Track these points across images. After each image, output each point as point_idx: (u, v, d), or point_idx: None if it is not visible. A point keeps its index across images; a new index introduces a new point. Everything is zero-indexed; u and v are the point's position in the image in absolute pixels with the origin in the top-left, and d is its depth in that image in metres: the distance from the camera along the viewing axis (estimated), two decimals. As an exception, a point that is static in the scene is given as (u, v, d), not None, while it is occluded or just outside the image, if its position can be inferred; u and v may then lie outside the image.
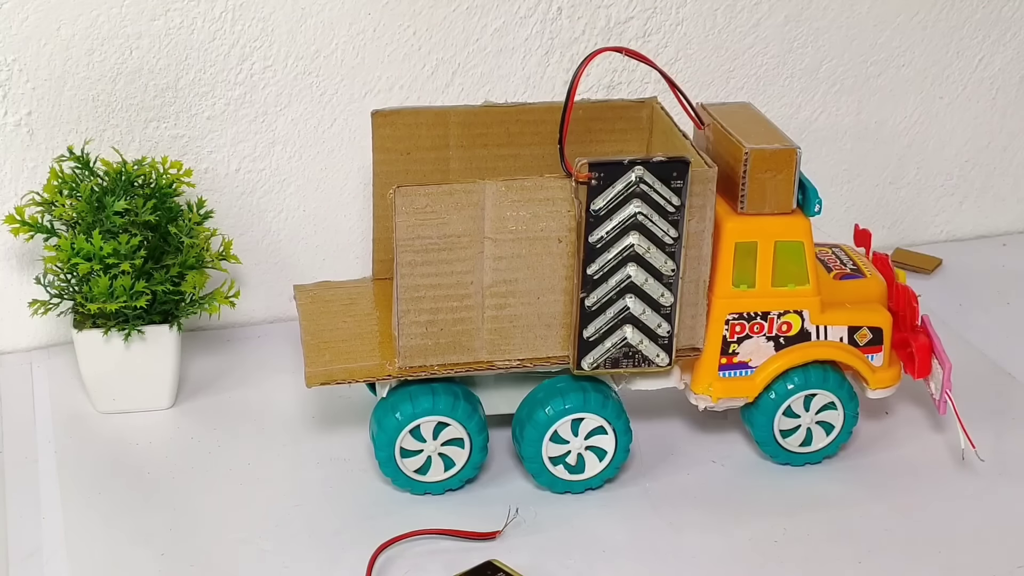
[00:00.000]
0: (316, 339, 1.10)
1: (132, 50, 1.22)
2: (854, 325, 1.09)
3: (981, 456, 1.12)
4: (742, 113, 1.12)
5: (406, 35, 1.29)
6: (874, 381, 1.11)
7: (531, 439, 1.07)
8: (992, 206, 1.57)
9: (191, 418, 1.19)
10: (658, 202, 1.01)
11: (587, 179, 0.99)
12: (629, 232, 1.01)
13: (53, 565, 1.00)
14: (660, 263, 1.02)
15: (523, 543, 1.04)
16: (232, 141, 1.29)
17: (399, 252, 1.00)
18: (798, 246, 1.06)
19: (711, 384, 1.09)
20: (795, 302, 1.08)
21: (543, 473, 1.08)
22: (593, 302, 1.03)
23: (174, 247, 1.18)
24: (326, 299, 1.15)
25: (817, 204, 1.06)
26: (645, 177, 1.00)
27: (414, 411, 1.05)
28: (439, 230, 1.00)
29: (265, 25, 1.25)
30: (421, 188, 0.99)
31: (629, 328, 1.04)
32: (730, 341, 1.08)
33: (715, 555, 1.03)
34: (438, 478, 1.08)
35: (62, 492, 1.09)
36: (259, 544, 1.03)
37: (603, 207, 1.00)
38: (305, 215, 1.34)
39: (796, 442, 1.12)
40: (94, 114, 1.24)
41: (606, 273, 1.02)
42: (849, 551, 1.03)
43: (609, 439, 1.08)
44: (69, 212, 1.15)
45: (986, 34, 1.48)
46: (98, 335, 1.15)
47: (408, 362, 1.04)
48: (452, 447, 1.07)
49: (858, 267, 1.14)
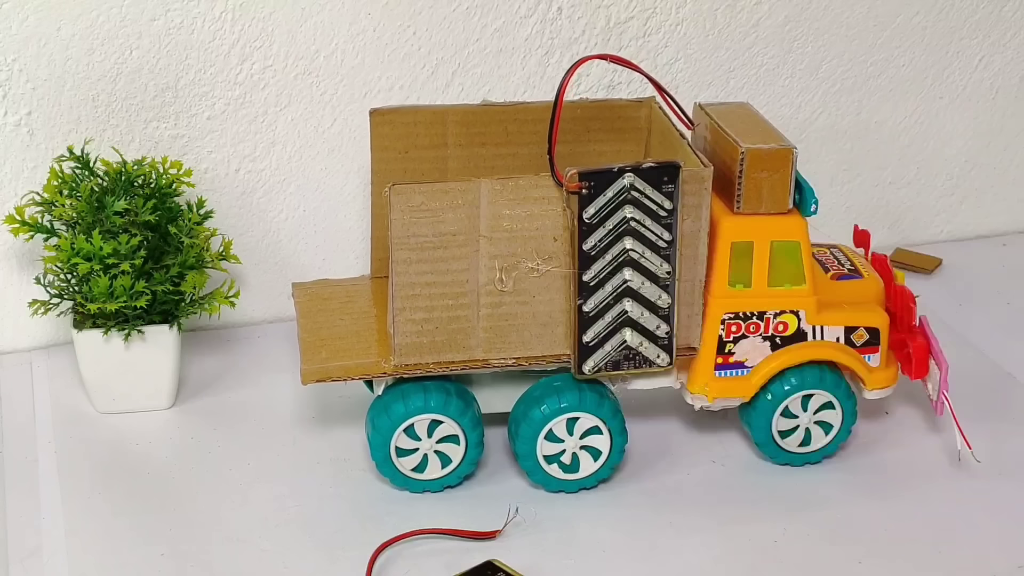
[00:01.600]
0: (313, 336, 1.10)
1: (132, 50, 1.22)
2: (851, 325, 1.09)
3: (977, 457, 1.12)
4: (740, 113, 1.12)
5: (406, 35, 1.29)
6: (871, 381, 1.11)
7: (526, 437, 1.07)
8: (992, 206, 1.57)
9: (191, 418, 1.19)
10: (650, 207, 1.01)
11: (577, 188, 0.99)
12: (623, 237, 1.01)
13: (53, 565, 1.00)
14: (656, 266, 1.03)
15: (523, 543, 1.04)
16: (232, 141, 1.29)
17: (394, 250, 1.01)
18: (794, 246, 1.06)
19: (707, 384, 1.10)
20: (791, 302, 1.08)
21: (537, 471, 1.08)
22: (591, 307, 1.03)
23: (174, 247, 1.18)
24: (324, 297, 1.16)
25: (813, 204, 1.06)
26: (636, 183, 1.00)
27: (407, 410, 1.06)
28: (434, 228, 1.00)
29: (265, 25, 1.25)
30: (416, 186, 0.99)
31: (628, 331, 1.04)
32: (726, 341, 1.08)
33: (715, 555, 1.03)
34: (435, 476, 1.08)
35: (62, 492, 1.09)
36: (258, 544, 1.03)
37: (595, 215, 1.00)
38: (305, 215, 1.34)
39: (795, 442, 1.12)
40: (94, 114, 1.24)
41: (602, 279, 1.02)
42: (849, 551, 1.03)
43: (604, 439, 1.08)
44: (69, 212, 1.15)
45: (986, 34, 1.48)
46: (98, 335, 1.15)
47: (404, 360, 1.04)
48: (448, 444, 1.07)
49: (856, 267, 1.14)
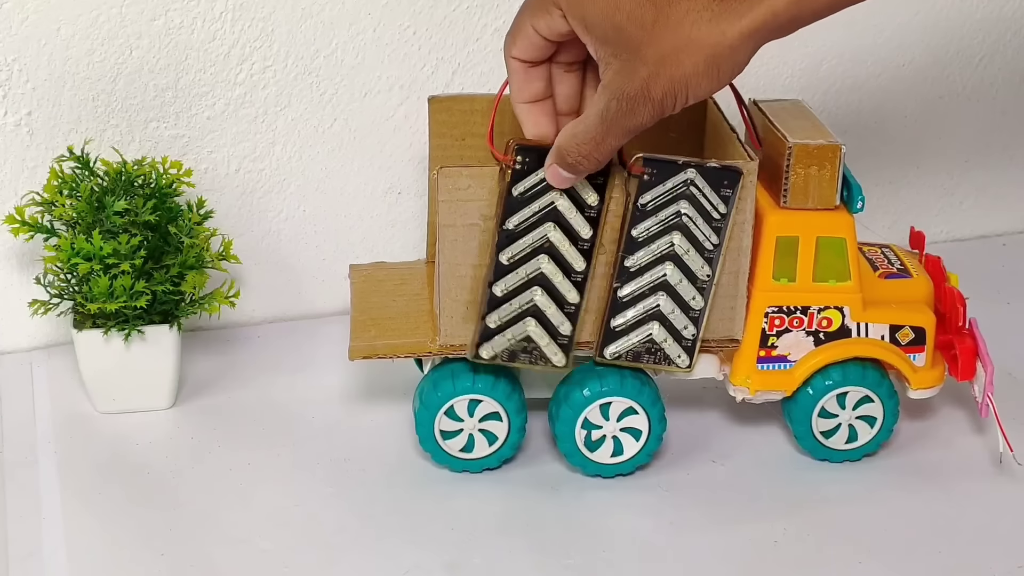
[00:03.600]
0: (364, 316, 1.12)
1: (132, 50, 1.22)
2: (896, 324, 1.09)
3: (1019, 460, 1.12)
4: (792, 109, 1.12)
5: (406, 35, 1.29)
6: (916, 381, 1.11)
7: (566, 418, 1.08)
8: (992, 206, 1.57)
9: (191, 418, 1.19)
10: (704, 207, 1.01)
11: (640, 172, 0.99)
12: (672, 231, 1.02)
13: (53, 565, 1.00)
14: (697, 267, 1.03)
15: (523, 543, 1.04)
16: (232, 141, 1.29)
17: (441, 232, 1.02)
18: (840, 242, 1.06)
19: (749, 376, 1.10)
20: (836, 298, 1.08)
21: (575, 454, 1.09)
22: (626, 294, 1.03)
23: (174, 247, 1.18)
24: (379, 279, 1.18)
25: (860, 201, 1.06)
26: (696, 180, 1.00)
27: (454, 389, 1.07)
28: (480, 211, 1.01)
29: (265, 25, 1.25)
30: (463, 169, 1.00)
31: (656, 325, 1.04)
32: (769, 334, 1.08)
33: (716, 555, 1.03)
34: (481, 455, 1.10)
35: (62, 492, 1.09)
36: (258, 544, 1.03)
37: (650, 202, 1.01)
38: (305, 215, 1.34)
39: (840, 440, 1.12)
40: (94, 114, 1.24)
41: (642, 268, 1.02)
42: (849, 551, 1.03)
43: (642, 421, 1.08)
44: (69, 212, 1.15)
45: (986, 34, 1.48)
46: (98, 335, 1.15)
47: (449, 340, 1.05)
48: (492, 421, 1.09)
49: (905, 267, 1.14)
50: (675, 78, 0.88)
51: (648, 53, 0.87)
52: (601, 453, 1.09)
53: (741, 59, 0.88)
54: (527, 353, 1.05)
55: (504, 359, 1.05)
